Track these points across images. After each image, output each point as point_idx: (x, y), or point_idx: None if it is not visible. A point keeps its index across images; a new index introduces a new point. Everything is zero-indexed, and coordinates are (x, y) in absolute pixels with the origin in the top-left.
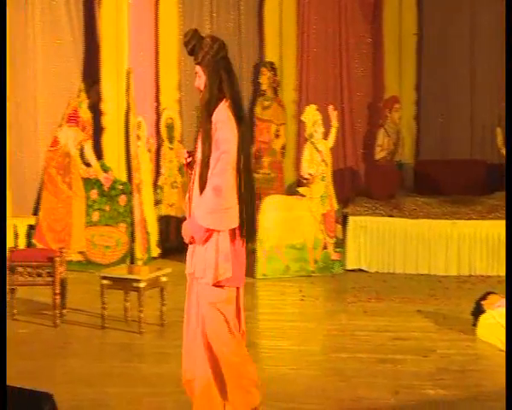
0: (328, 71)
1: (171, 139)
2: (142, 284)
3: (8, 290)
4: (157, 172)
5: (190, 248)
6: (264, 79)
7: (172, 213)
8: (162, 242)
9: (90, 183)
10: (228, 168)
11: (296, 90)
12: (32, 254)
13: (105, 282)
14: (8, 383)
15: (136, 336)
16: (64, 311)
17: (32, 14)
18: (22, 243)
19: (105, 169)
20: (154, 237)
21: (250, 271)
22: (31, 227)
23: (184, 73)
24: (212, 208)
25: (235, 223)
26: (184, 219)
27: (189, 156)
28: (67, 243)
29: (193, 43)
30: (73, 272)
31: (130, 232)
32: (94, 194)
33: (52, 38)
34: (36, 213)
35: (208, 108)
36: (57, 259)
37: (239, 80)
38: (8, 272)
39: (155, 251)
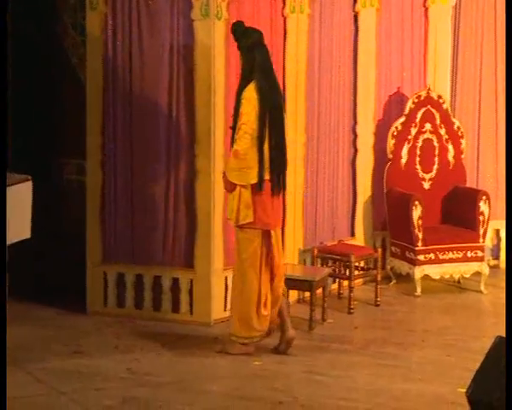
0: None
1: None
2: None
3: None
4: None
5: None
6: None
7: None
8: None
9: None
10: (246, 136)
11: None
12: None
13: None
14: None
15: None
16: None
17: None
18: None
19: None
20: None
21: None
22: None
23: None
24: (232, 167)
25: (254, 180)
26: None
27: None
28: None
29: (236, 33)
30: None
31: None
32: None
33: None
34: None
35: (240, 87)
36: None
37: None
38: None
39: None
